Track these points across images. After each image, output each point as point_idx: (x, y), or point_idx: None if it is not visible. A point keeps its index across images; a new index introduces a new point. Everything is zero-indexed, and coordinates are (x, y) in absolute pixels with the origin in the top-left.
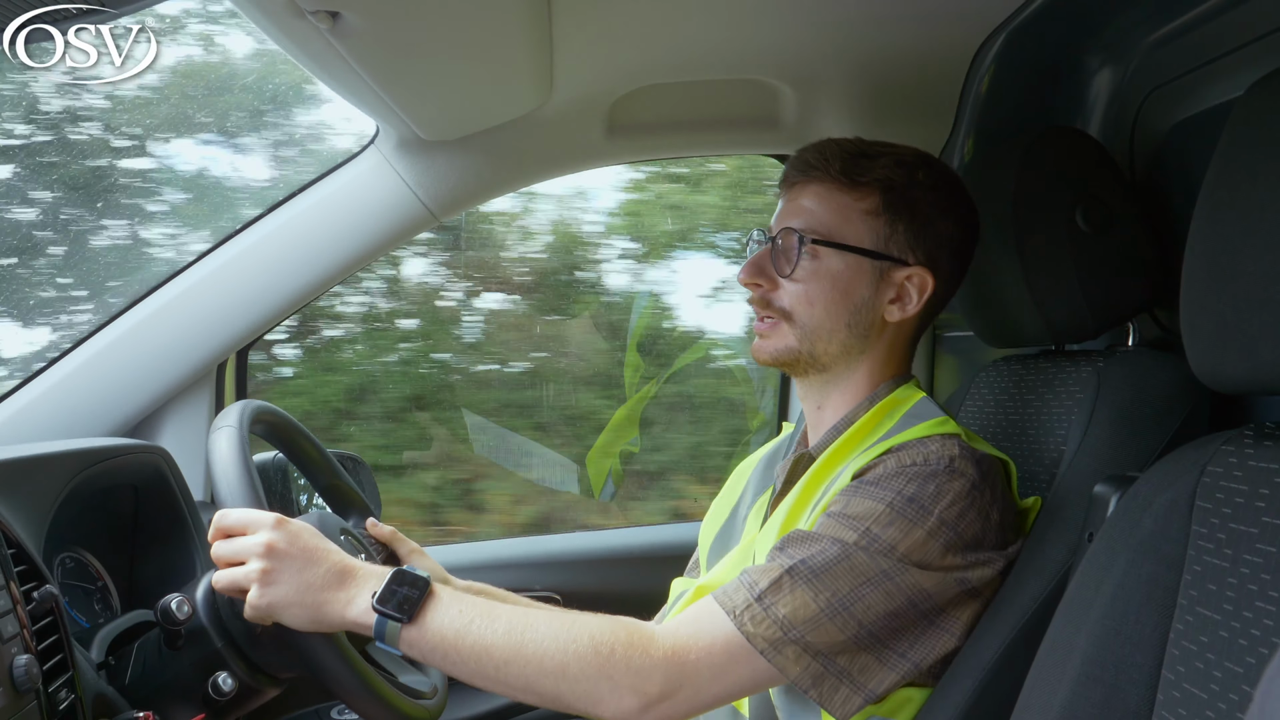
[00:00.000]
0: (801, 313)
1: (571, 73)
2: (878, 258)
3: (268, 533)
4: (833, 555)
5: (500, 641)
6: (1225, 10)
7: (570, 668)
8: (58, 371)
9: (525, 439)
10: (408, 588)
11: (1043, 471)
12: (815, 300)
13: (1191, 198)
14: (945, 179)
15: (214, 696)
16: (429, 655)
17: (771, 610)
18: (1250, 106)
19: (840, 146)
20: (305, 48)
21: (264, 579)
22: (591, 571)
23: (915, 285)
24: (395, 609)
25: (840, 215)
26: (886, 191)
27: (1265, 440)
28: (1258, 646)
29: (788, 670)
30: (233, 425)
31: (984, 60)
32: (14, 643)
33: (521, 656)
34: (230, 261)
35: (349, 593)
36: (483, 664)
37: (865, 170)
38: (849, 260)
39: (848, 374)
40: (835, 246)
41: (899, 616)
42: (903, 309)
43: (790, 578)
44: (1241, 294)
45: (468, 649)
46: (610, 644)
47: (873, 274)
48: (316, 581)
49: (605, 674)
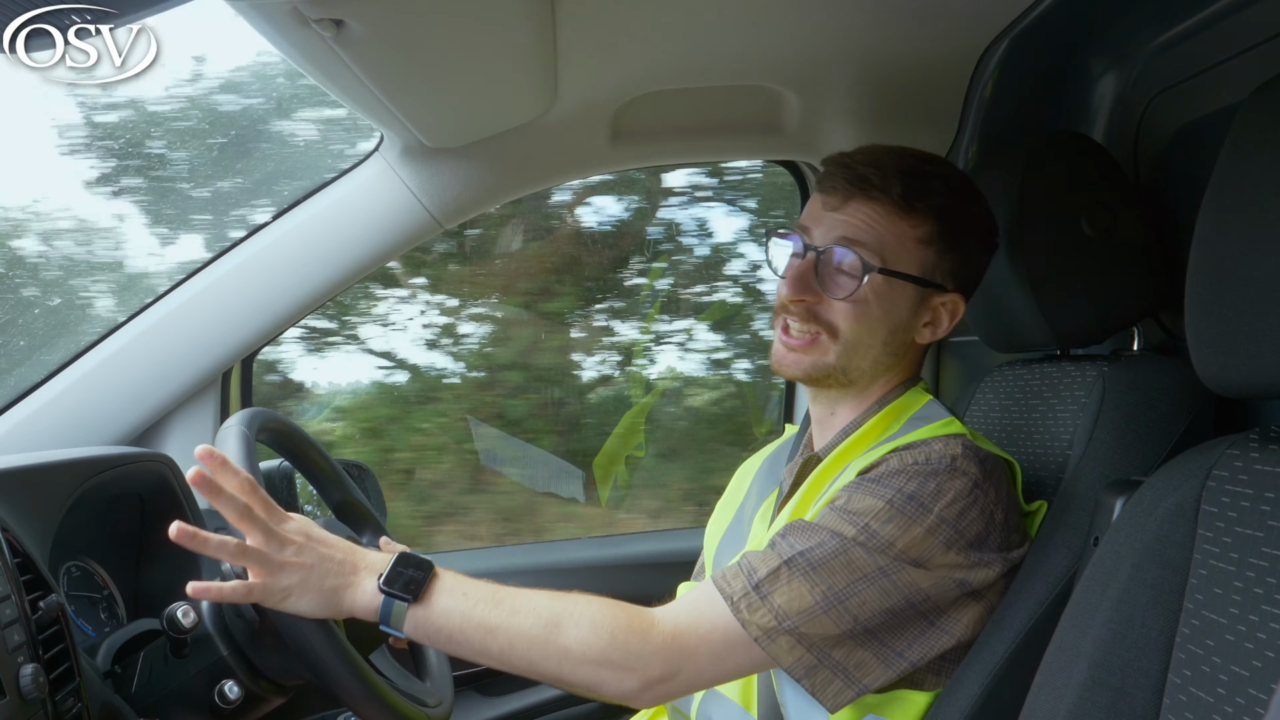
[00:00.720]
0: (846, 329)
1: (576, 79)
2: (924, 286)
3: (285, 521)
4: (831, 549)
5: (504, 623)
6: (1229, 15)
7: (573, 650)
8: (63, 380)
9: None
10: (413, 569)
11: (1048, 476)
12: (861, 319)
13: (1196, 202)
14: (988, 212)
15: (220, 705)
16: (434, 636)
17: (768, 599)
18: (1255, 111)
19: (897, 164)
20: (310, 55)
21: (281, 562)
22: (595, 579)
23: (948, 310)
24: (402, 589)
25: (896, 241)
26: (940, 221)
27: (1270, 444)
28: (1264, 650)
29: (780, 659)
30: (240, 426)
31: (988, 65)
32: (20, 652)
33: (525, 638)
34: (235, 269)
35: (355, 577)
36: (486, 644)
37: (921, 195)
38: (895, 285)
39: (868, 387)
40: (887, 273)
41: (895, 614)
42: (934, 332)
43: (788, 568)
44: (1246, 298)
45: (472, 629)
46: (611, 627)
47: (915, 299)
48: (330, 568)
49: (606, 656)
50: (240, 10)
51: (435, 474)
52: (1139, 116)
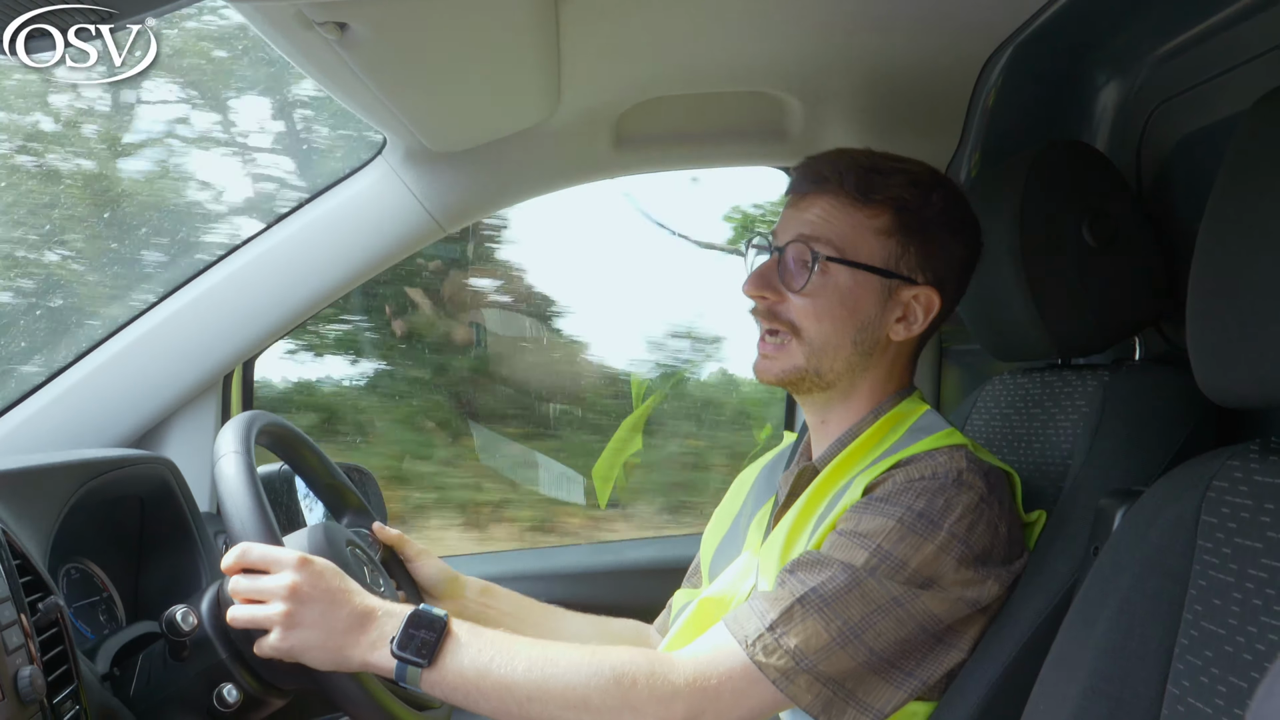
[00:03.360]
0: (809, 328)
1: (579, 85)
2: (888, 276)
3: (292, 574)
4: (843, 582)
5: (522, 679)
6: (1232, 25)
7: (593, 700)
8: (64, 382)
9: None
10: (425, 631)
11: (1048, 485)
12: (823, 316)
13: (1198, 212)
14: (957, 201)
15: (219, 708)
16: (451, 695)
17: (783, 640)
18: (1257, 121)
19: (853, 159)
20: (313, 58)
21: (287, 621)
22: (593, 584)
23: (921, 305)
24: (414, 654)
25: (852, 232)
26: (900, 212)
27: (1271, 455)
28: (1263, 661)
29: (799, 699)
30: (238, 450)
31: (991, 74)
32: (19, 654)
33: (544, 692)
34: (237, 272)
35: (370, 636)
36: (505, 702)
37: (879, 187)
38: (859, 277)
39: (851, 390)
40: (847, 264)
41: (909, 641)
42: (908, 328)
43: (801, 607)
44: (1248, 309)
45: (489, 688)
46: (633, 674)
47: (881, 292)
48: (339, 626)
49: (629, 704)
50: (245, 13)
51: None
52: (1141, 126)
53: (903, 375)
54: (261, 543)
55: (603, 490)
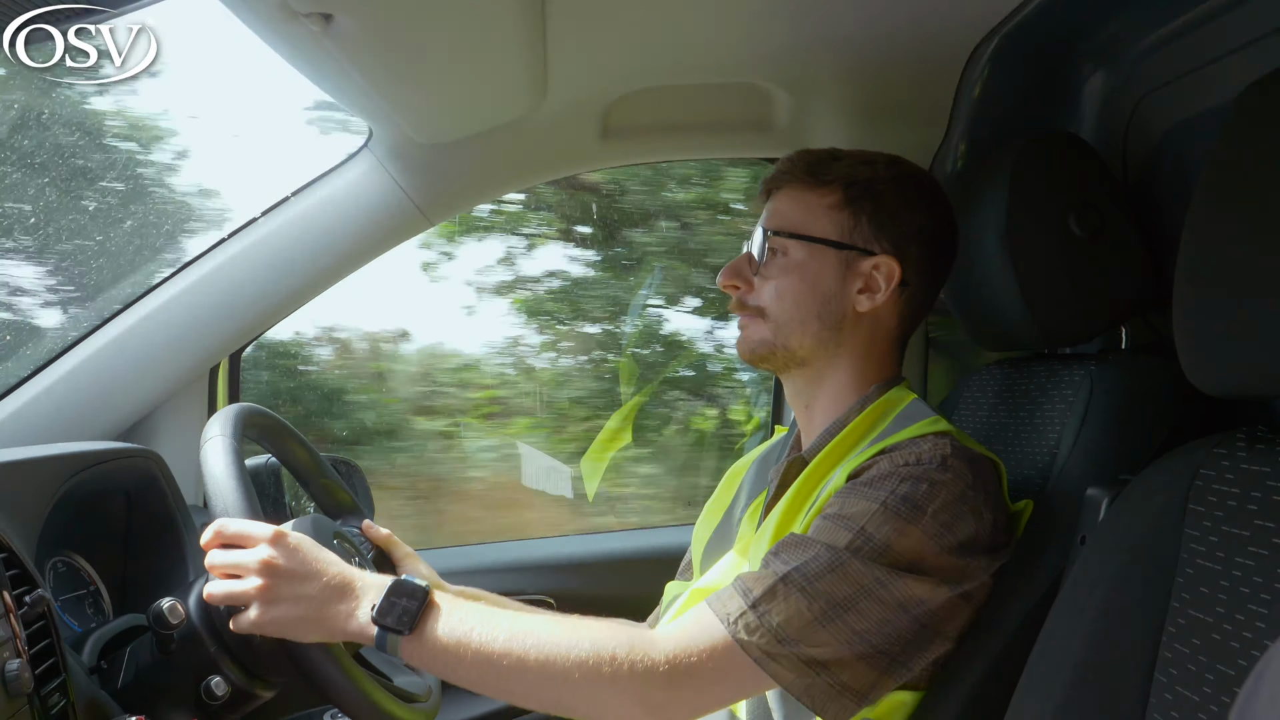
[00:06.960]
0: (773, 307)
1: (566, 76)
2: (840, 247)
3: (267, 548)
4: (826, 562)
5: (501, 649)
6: (1219, 14)
7: (573, 674)
8: (49, 375)
9: None
10: (406, 599)
11: (1035, 475)
12: (784, 293)
13: (1185, 202)
14: (910, 172)
15: (207, 700)
16: (430, 665)
17: (765, 619)
18: (1244, 111)
19: (809, 152)
20: (298, 50)
21: (263, 596)
22: (584, 575)
23: (883, 274)
24: (395, 622)
25: (805, 212)
26: (849, 186)
27: (1258, 444)
28: (1250, 649)
29: (781, 678)
30: (225, 434)
31: (977, 64)
32: (6, 647)
33: (523, 664)
34: (223, 265)
35: (349, 605)
36: (484, 673)
37: (829, 170)
38: (813, 251)
39: (830, 371)
40: (796, 238)
41: (892, 624)
42: (872, 298)
43: (784, 585)
44: (1234, 298)
45: (469, 658)
46: (612, 649)
47: (839, 265)
48: (316, 596)
49: (608, 680)
50: (228, 4)
51: None
52: (1128, 116)
53: (888, 364)
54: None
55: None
